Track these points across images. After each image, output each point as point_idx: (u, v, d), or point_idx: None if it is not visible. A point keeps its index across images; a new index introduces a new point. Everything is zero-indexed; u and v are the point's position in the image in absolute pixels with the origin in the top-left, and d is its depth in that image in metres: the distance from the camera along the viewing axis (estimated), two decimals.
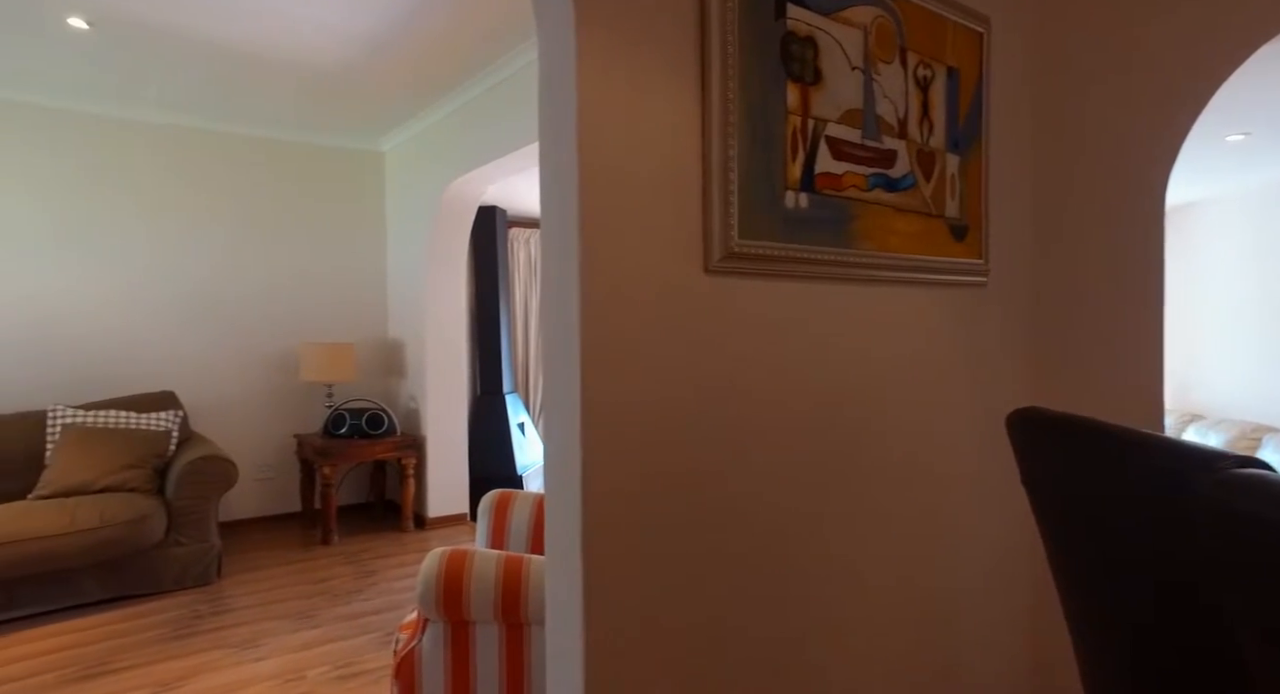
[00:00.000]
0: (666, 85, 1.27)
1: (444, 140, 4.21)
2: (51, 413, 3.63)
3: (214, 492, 3.54)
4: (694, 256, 1.32)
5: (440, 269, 4.49)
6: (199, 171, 4.36)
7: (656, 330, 1.27)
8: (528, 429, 5.36)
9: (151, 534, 3.30)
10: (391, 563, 3.82)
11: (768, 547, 1.42)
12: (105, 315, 4.11)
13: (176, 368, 4.31)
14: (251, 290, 4.53)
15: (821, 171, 1.47)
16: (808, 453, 1.48)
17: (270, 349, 4.59)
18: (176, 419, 3.87)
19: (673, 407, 1.29)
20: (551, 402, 1.26)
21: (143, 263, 4.20)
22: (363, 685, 2.49)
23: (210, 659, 2.70)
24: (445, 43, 3.27)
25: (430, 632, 1.70)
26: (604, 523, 1.21)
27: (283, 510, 4.64)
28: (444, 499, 4.55)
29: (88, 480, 3.42)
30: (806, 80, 1.42)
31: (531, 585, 1.64)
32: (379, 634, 2.91)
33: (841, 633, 1.54)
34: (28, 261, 3.91)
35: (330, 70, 3.56)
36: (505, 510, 2.28)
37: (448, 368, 4.54)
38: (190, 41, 3.18)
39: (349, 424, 4.28)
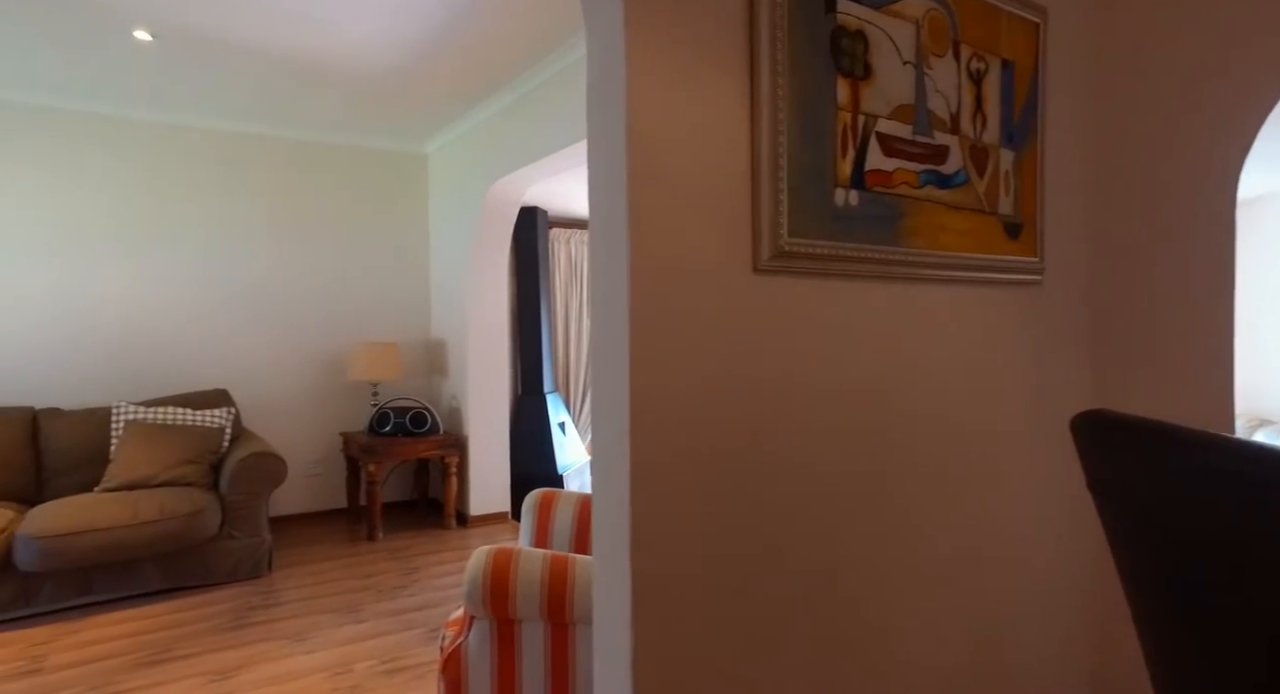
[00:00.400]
0: (716, 83, 1.26)
1: (486, 142, 4.26)
2: (116, 409, 3.77)
3: (265, 488, 3.64)
4: (743, 256, 1.31)
5: (482, 269, 4.55)
6: (251, 176, 4.48)
7: (705, 330, 1.26)
8: (568, 429, 5.39)
9: (207, 528, 3.41)
10: (434, 560, 3.87)
11: (817, 547, 1.40)
12: (163, 315, 4.26)
13: (229, 366, 4.45)
14: (300, 291, 4.64)
15: (872, 168, 1.44)
16: (857, 455, 1.45)
17: (318, 348, 4.70)
18: (230, 416, 3.99)
19: (722, 407, 1.28)
20: (600, 400, 1.26)
21: (198, 265, 4.34)
22: (408, 680, 2.53)
23: (263, 650, 2.77)
24: (488, 46, 3.31)
25: (477, 629, 1.72)
26: (652, 521, 1.21)
27: (329, 506, 4.75)
28: (485, 497, 4.60)
29: (149, 474, 3.54)
30: (857, 75, 1.40)
31: (577, 585, 1.64)
32: (423, 630, 2.96)
33: (893, 636, 1.51)
34: (92, 264, 4.07)
35: (376, 75, 3.63)
36: (549, 509, 2.30)
37: (489, 367, 4.59)
38: (246, 50, 3.28)
39: (393, 422, 4.36)
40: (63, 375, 4.01)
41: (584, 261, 5.91)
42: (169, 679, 2.55)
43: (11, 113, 3.85)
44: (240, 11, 2.89)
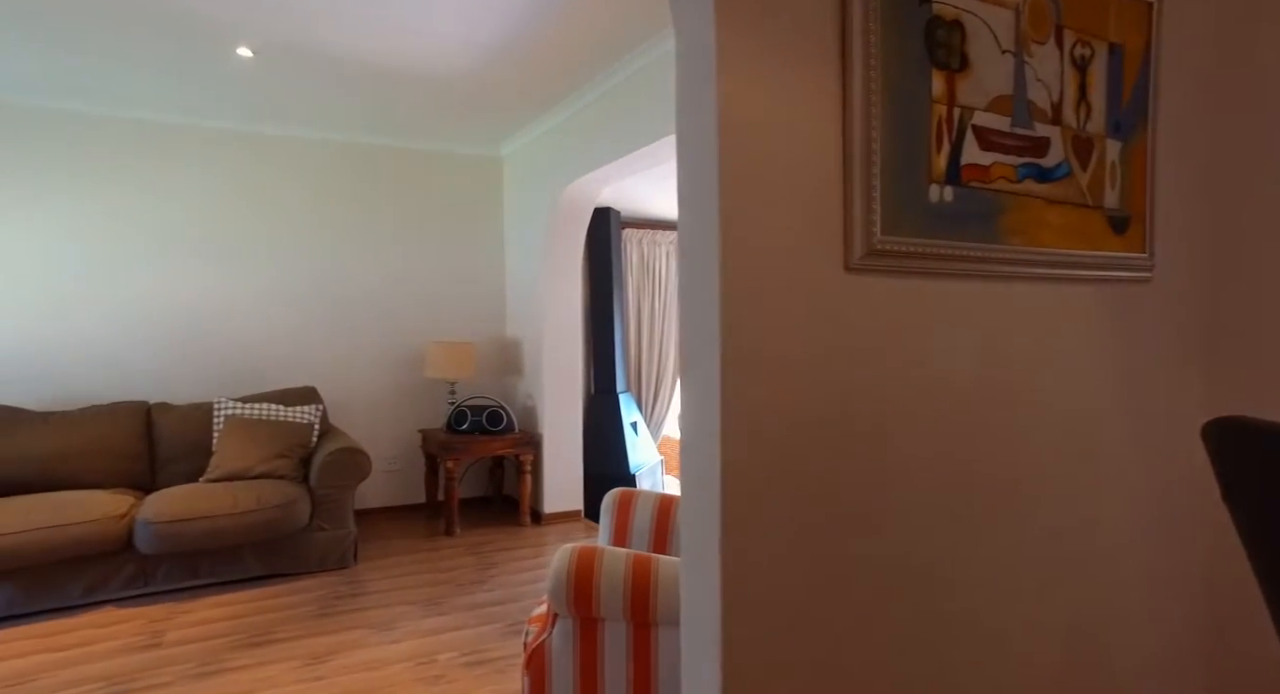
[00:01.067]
0: (807, 80, 1.24)
1: (561, 144, 4.32)
2: (217, 404, 4.00)
3: (351, 481, 3.79)
4: (835, 255, 1.29)
5: (557, 270, 4.61)
6: (335, 182, 4.68)
7: (796, 330, 1.24)
8: (640, 428, 5.41)
9: (299, 518, 3.57)
10: (511, 556, 3.95)
11: (907, 549, 1.36)
12: (256, 316, 4.49)
13: (316, 364, 4.65)
14: (380, 292, 4.82)
15: (968, 163, 1.39)
16: (950, 460, 1.40)
17: (397, 347, 4.87)
18: (318, 413, 4.17)
19: (812, 407, 1.26)
20: (690, 401, 1.26)
21: (288, 268, 4.57)
22: (489, 673, 2.59)
23: (352, 637, 2.89)
24: (563, 49, 3.36)
25: (560, 626, 1.74)
26: (742, 523, 1.20)
27: (408, 501, 4.91)
28: (559, 495, 4.66)
29: (246, 466, 3.74)
30: (952, 67, 1.35)
31: (661, 586, 1.64)
32: (502, 625, 3.02)
33: (990, 638, 1.45)
34: (194, 269, 4.33)
35: (454, 80, 3.73)
36: (628, 508, 2.31)
37: (563, 367, 4.66)
38: (333, 62, 3.42)
39: (470, 420, 4.47)
40: (170, 372, 4.28)
41: (656, 261, 5.93)
42: (269, 660, 2.69)
43: (118, 128, 4.13)
44: (331, 24, 3.02)
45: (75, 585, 3.18)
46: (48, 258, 4.00)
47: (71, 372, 4.06)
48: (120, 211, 4.15)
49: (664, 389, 6.08)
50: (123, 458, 3.76)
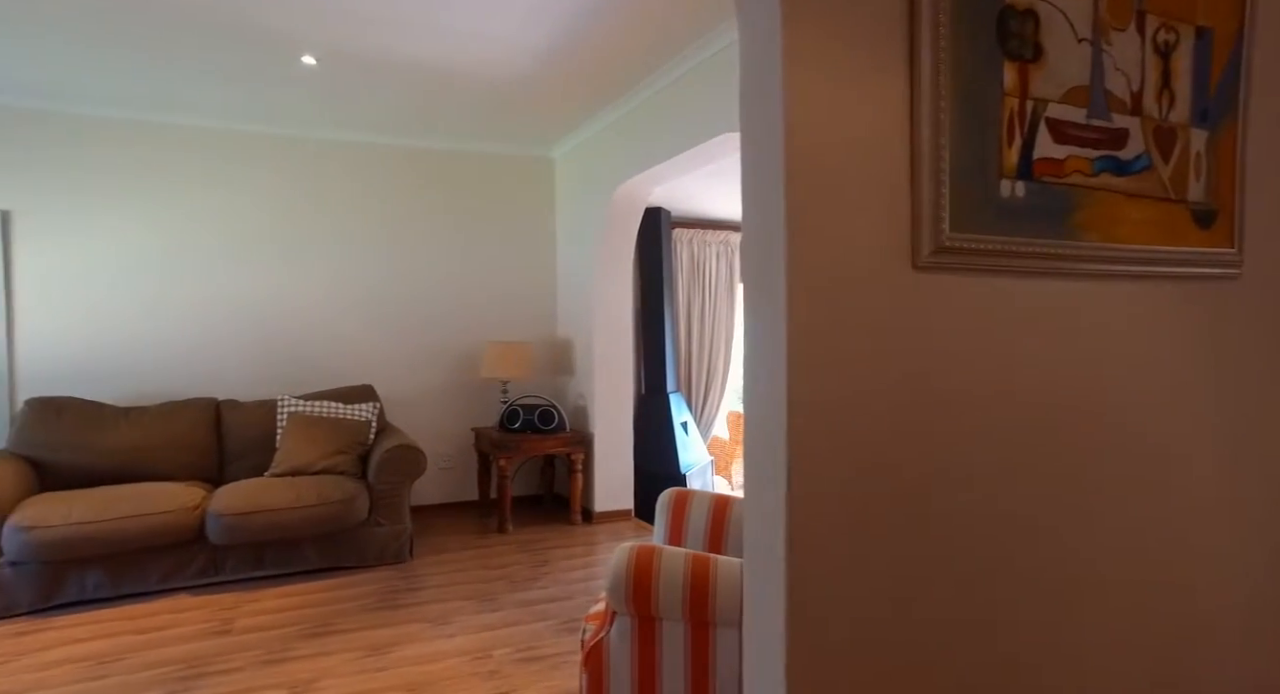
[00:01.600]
0: (873, 74, 1.22)
1: (612, 145, 4.34)
2: (280, 402, 4.14)
3: (408, 478, 3.88)
4: (902, 253, 1.26)
5: (608, 270, 4.63)
6: (392, 185, 4.80)
7: (863, 329, 1.22)
8: (690, 428, 5.39)
9: (357, 513, 3.67)
10: (563, 554, 3.99)
11: (979, 559, 1.32)
12: (317, 316, 4.63)
13: (373, 363, 4.77)
14: (435, 292, 4.91)
15: (1040, 157, 1.34)
16: (1021, 464, 1.36)
17: (451, 347, 4.96)
18: (375, 410, 4.28)
19: (879, 409, 1.23)
20: (754, 401, 1.24)
21: (345, 269, 4.70)
22: (544, 669, 2.61)
23: (410, 631, 2.96)
24: (617, 48, 3.37)
25: (618, 624, 1.74)
26: (808, 524, 1.18)
27: (461, 499, 5.00)
28: (610, 495, 4.68)
29: (308, 462, 3.86)
30: (1025, 57, 1.31)
31: (719, 586, 1.63)
32: (555, 622, 3.05)
33: (1068, 658, 1.40)
34: (257, 271, 4.49)
35: (507, 82, 3.78)
36: (683, 508, 2.30)
37: (614, 367, 4.68)
38: (393, 67, 3.51)
39: (522, 419, 4.53)
40: (237, 370, 4.45)
41: (706, 261, 5.90)
42: (331, 651, 2.76)
43: (186, 135, 4.31)
44: (390, 31, 3.09)
45: (154, 572, 3.34)
46: (132, 262, 4.20)
47: (149, 369, 4.26)
48: (195, 217, 4.33)
49: (714, 389, 6.06)
50: (194, 452, 3.92)
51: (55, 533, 3.08)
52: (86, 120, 4.10)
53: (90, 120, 4.11)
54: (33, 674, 2.61)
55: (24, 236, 4.01)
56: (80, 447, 3.65)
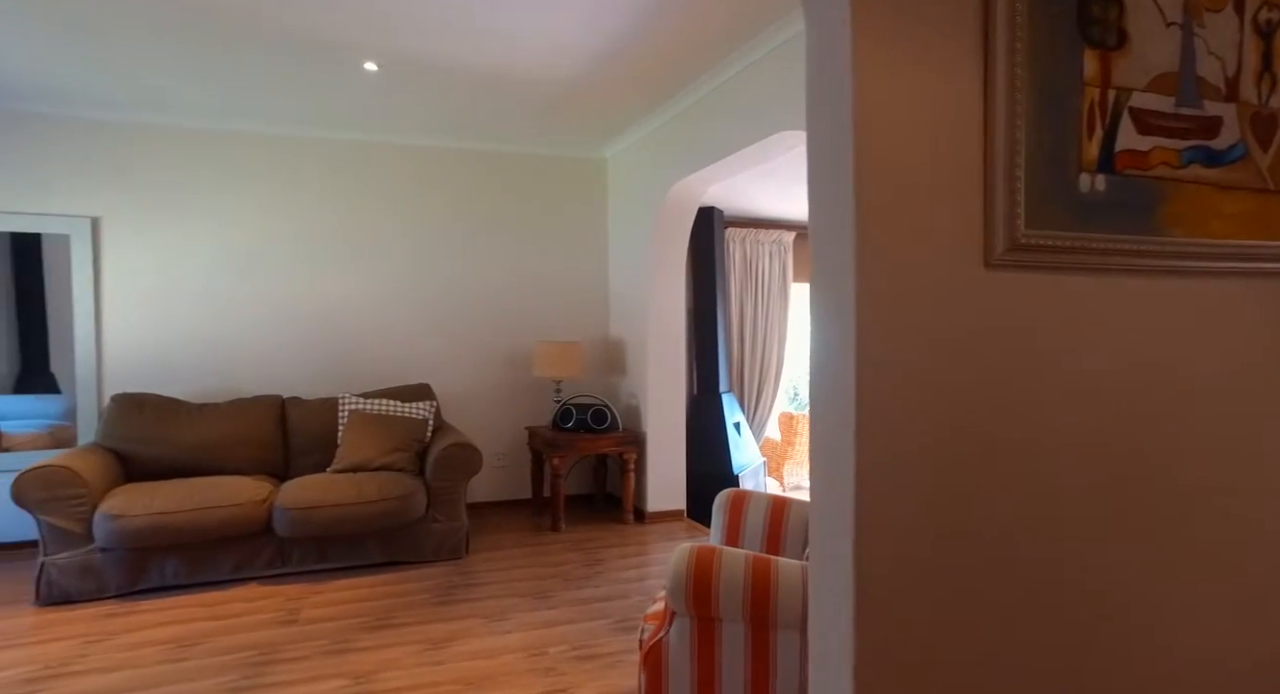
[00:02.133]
0: (947, 64, 1.18)
1: (665, 145, 4.33)
2: (341, 400, 4.27)
3: (464, 476, 3.94)
4: (974, 250, 1.22)
5: (660, 270, 4.63)
6: (446, 187, 4.89)
7: (935, 329, 1.19)
8: (743, 429, 5.35)
9: (415, 510, 3.75)
10: (616, 553, 4.00)
11: (1052, 565, 1.27)
12: (375, 316, 4.76)
13: (430, 362, 4.88)
14: (489, 292, 4.99)
15: (1123, 149, 1.28)
16: (1103, 472, 1.30)
17: (505, 346, 5.03)
18: (432, 409, 4.37)
19: (951, 409, 1.20)
20: (821, 402, 1.22)
21: (403, 270, 4.81)
22: (599, 668, 2.63)
23: (467, 626, 3.01)
24: (671, 48, 3.37)
25: (677, 625, 1.74)
26: (877, 528, 1.16)
27: (514, 497, 5.06)
28: (662, 494, 4.68)
29: (368, 459, 3.96)
30: (1108, 45, 1.25)
31: (781, 588, 1.61)
32: (610, 621, 3.06)
33: (1148, 670, 1.33)
34: (318, 273, 4.64)
35: (562, 84, 3.81)
36: (740, 509, 2.28)
37: (667, 367, 4.67)
38: (450, 71, 3.57)
39: (575, 419, 4.56)
40: (301, 368, 4.60)
41: (759, 261, 5.85)
42: (392, 643, 2.83)
43: (252, 143, 4.48)
44: (449, 36, 3.16)
45: (226, 562, 3.48)
46: (203, 266, 4.39)
47: (220, 367, 4.44)
48: (261, 221, 4.50)
49: (766, 390, 6.00)
50: (261, 447, 4.06)
51: (138, 522, 3.24)
52: (164, 131, 4.30)
53: (167, 130, 4.31)
54: (122, 654, 2.75)
55: (111, 242, 4.23)
56: (159, 440, 3.83)
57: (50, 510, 3.22)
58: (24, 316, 4.21)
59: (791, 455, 6.53)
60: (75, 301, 4.18)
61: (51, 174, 4.12)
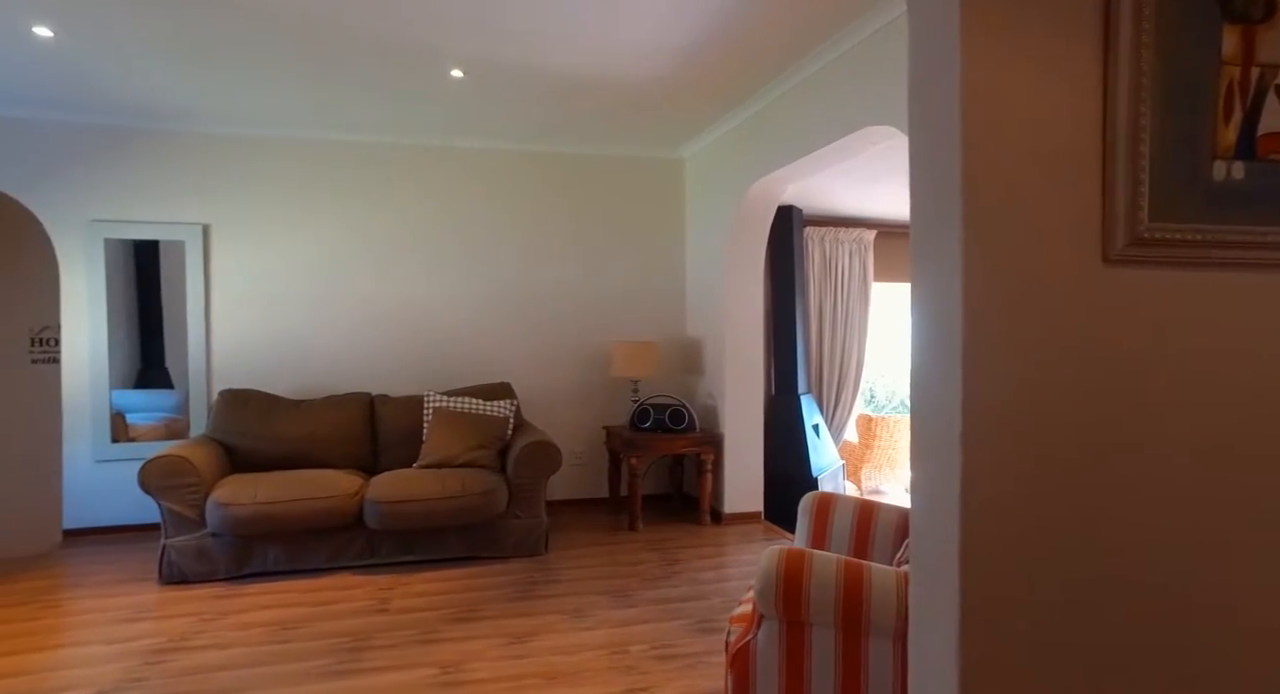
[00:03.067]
0: (1062, 42, 1.12)
1: (745, 143, 4.29)
2: (426, 397, 4.41)
3: (544, 473, 4.01)
4: (1090, 245, 1.15)
5: (738, 270, 4.59)
6: (527, 190, 4.99)
7: (1048, 329, 1.13)
8: (822, 431, 5.25)
9: (497, 506, 3.84)
10: (693, 554, 3.99)
11: (1175, 585, 1.18)
12: (458, 316, 4.90)
13: (510, 361, 4.98)
14: (568, 293, 5.07)
15: (1267, 132, 1.18)
16: (1232, 484, 1.20)
17: (583, 346, 5.09)
18: (512, 407, 4.46)
19: (1062, 414, 1.14)
20: (925, 405, 1.18)
21: (485, 271, 4.94)
22: (680, 669, 2.62)
23: (548, 622, 3.05)
24: (751, 46, 3.33)
25: (765, 628, 1.71)
26: (983, 540, 1.11)
27: (591, 495, 5.11)
28: (739, 496, 4.64)
29: (451, 455, 4.08)
30: (1252, 18, 1.16)
31: (874, 594, 1.57)
32: (689, 621, 3.05)
33: None
34: (407, 273, 4.81)
35: (641, 85, 3.82)
36: (826, 512, 2.24)
37: (745, 367, 4.63)
38: (532, 75, 3.64)
39: (653, 419, 4.57)
40: (388, 367, 4.78)
41: (839, 260, 5.73)
42: (477, 635, 2.91)
43: (344, 150, 4.69)
44: (533, 40, 3.22)
45: (322, 551, 3.65)
46: (299, 268, 4.63)
47: (315, 365, 4.67)
48: (351, 225, 4.71)
49: (845, 392, 5.86)
50: (352, 443, 4.24)
51: (244, 510, 3.44)
52: (265, 142, 4.56)
53: (268, 142, 4.56)
54: (232, 633, 2.93)
55: (219, 247, 4.51)
56: (261, 434, 4.05)
57: (169, 496, 3.46)
58: (143, 317, 4.53)
59: (870, 458, 6.35)
60: (188, 303, 4.48)
61: (169, 185, 4.43)
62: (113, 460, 4.37)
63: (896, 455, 6.39)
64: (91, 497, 4.35)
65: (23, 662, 2.72)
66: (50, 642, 2.91)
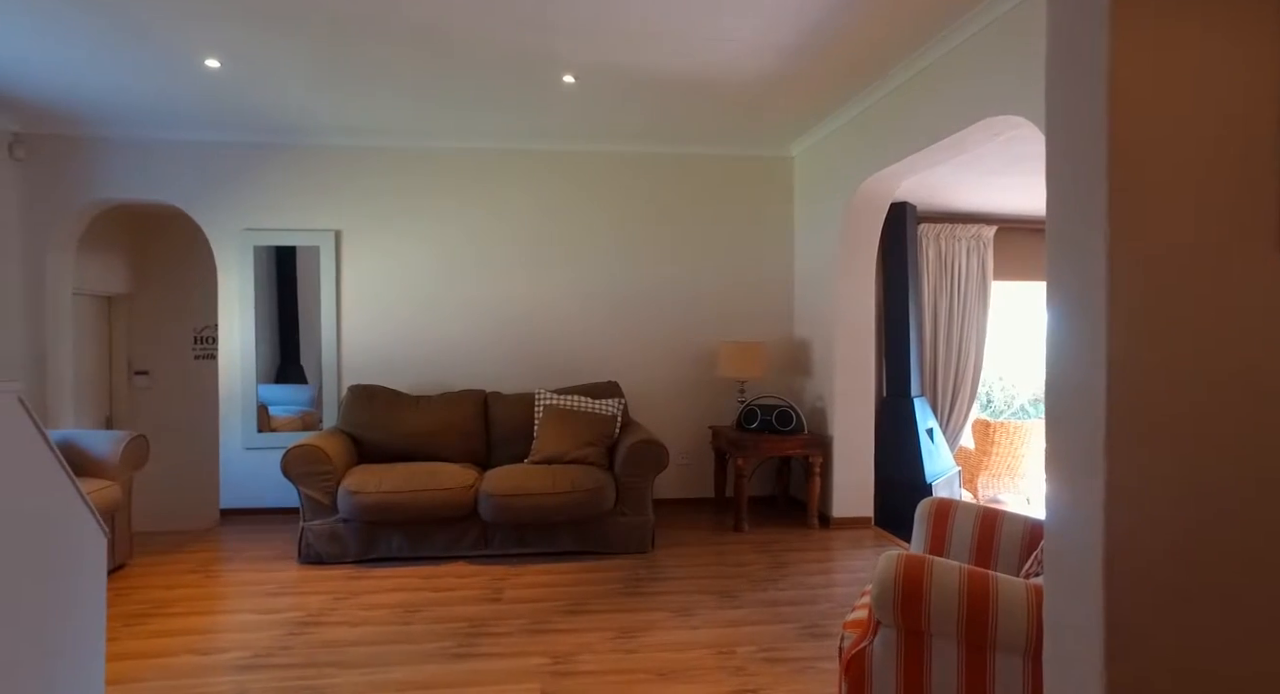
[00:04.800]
0: (1226, 16, 1.03)
1: (857, 139, 4.18)
2: (537, 395, 4.55)
3: (652, 472, 4.05)
4: (1261, 231, 1.05)
5: (849, 269, 4.47)
6: (632, 192, 5.06)
7: (1206, 329, 1.04)
8: (936, 435, 5.02)
9: (605, 502, 3.91)
10: (801, 558, 3.91)
11: None
12: (567, 316, 5.03)
13: (618, 361, 5.07)
14: (675, 293, 5.09)
15: None
16: None
17: (689, 346, 5.11)
18: (620, 406, 4.53)
19: (1225, 424, 1.04)
20: (1062, 412, 1.11)
21: (592, 272, 5.04)
22: (789, 673, 2.58)
23: (655, 618, 3.09)
24: (862, 42, 3.24)
25: (882, 635, 1.66)
26: (1130, 554, 1.03)
27: (696, 495, 5.12)
28: (848, 500, 4.51)
29: (561, 452, 4.20)
30: None
31: (1001, 607, 1.49)
32: (798, 625, 3.00)
33: None
34: (518, 274, 4.99)
35: (751, 83, 3.80)
36: (945, 519, 2.14)
37: (855, 368, 4.50)
38: (642, 77, 3.70)
39: (759, 419, 4.52)
40: (500, 365, 4.98)
41: (956, 258, 5.46)
42: (586, 628, 2.98)
43: (456, 158, 4.92)
44: (644, 43, 3.27)
45: (440, 540, 3.85)
46: (417, 271, 4.91)
47: (433, 362, 4.93)
48: (466, 228, 4.94)
49: (961, 395, 5.58)
50: (467, 437, 4.44)
51: (371, 499, 3.68)
52: (390, 152, 4.86)
53: (393, 151, 4.86)
54: (362, 612, 3.15)
55: (349, 252, 4.85)
56: (384, 427, 4.32)
57: (307, 483, 3.75)
58: (281, 317, 4.94)
59: (987, 466, 6.01)
60: (322, 303, 4.84)
61: (307, 194, 4.80)
62: (259, 448, 4.78)
63: (1017, 463, 6.02)
64: (242, 480, 4.78)
65: (196, 622, 3.05)
66: (215, 607, 3.23)
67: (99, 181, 4.60)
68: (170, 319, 5.89)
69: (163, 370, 5.89)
